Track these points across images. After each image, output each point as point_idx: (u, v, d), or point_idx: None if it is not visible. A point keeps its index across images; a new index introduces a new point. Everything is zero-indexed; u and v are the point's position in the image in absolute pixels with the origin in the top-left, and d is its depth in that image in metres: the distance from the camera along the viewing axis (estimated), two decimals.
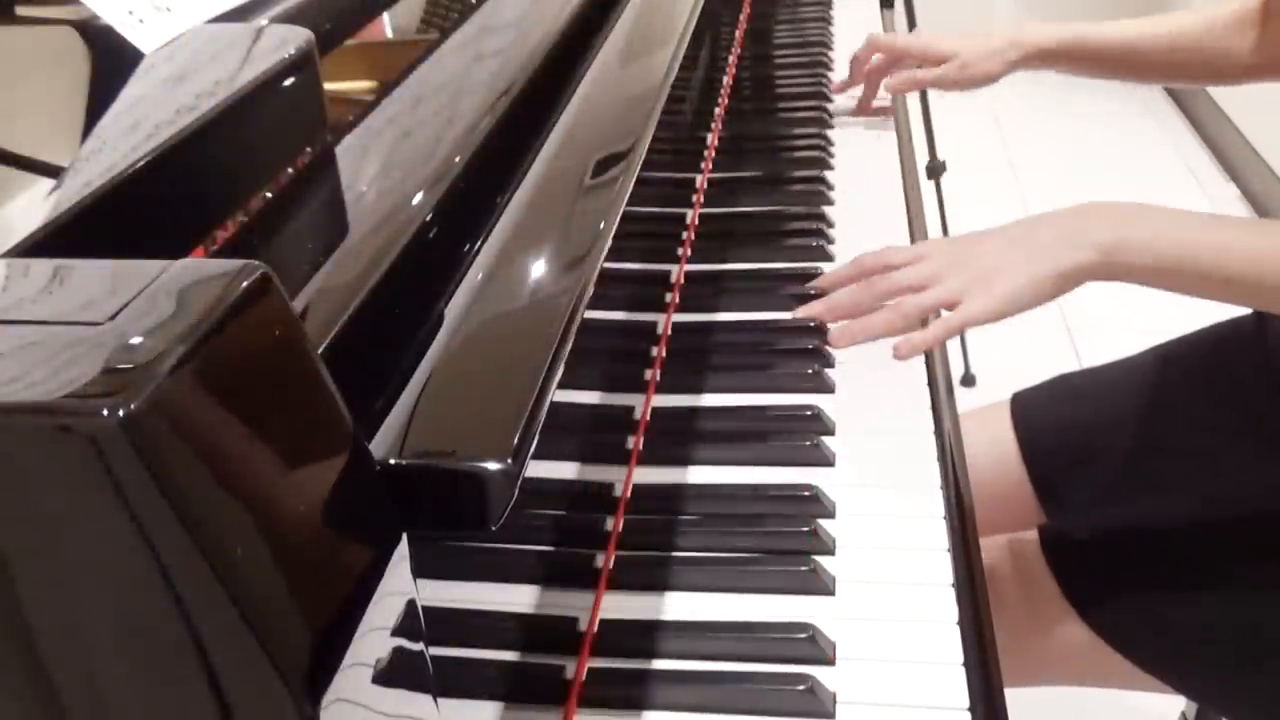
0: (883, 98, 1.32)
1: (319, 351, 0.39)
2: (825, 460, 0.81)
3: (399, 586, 0.40)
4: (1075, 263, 0.81)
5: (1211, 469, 0.95)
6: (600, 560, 0.72)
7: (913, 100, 1.77)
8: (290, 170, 0.55)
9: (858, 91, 1.35)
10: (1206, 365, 1.02)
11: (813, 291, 0.93)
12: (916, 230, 1.11)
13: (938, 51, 1.18)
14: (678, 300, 0.96)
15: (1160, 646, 0.89)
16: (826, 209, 1.13)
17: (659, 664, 0.67)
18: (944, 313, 0.84)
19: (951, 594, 0.70)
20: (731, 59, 1.44)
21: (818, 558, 0.72)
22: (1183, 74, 1.17)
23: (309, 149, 0.57)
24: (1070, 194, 0.85)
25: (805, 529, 0.74)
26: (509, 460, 0.41)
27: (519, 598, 0.61)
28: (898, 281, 0.86)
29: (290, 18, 0.66)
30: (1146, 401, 1.03)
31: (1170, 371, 1.05)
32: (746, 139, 1.34)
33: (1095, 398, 1.07)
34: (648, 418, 0.84)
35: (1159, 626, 0.89)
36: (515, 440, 0.42)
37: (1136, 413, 1.03)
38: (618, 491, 0.77)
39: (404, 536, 0.41)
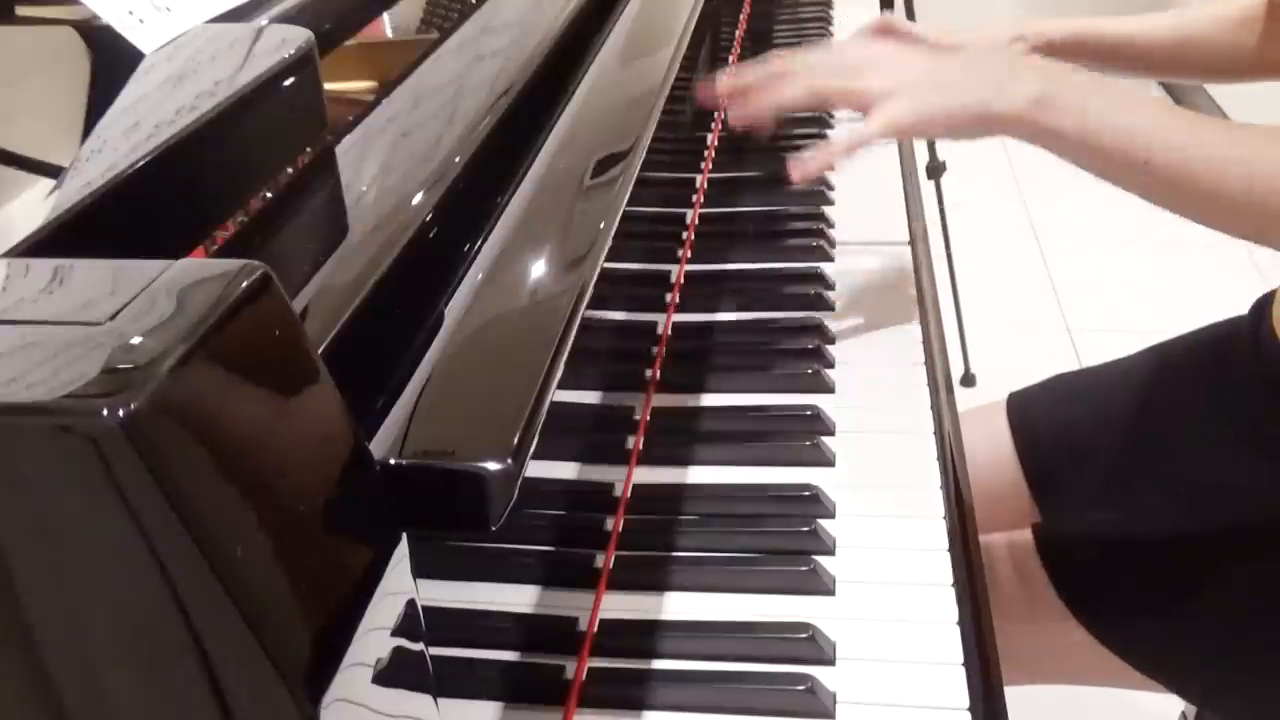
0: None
1: (319, 351, 0.39)
2: (825, 460, 0.81)
3: (399, 586, 0.40)
4: (997, 105, 0.79)
5: (1207, 470, 0.95)
6: (600, 560, 0.72)
7: None
8: (290, 170, 0.55)
9: None
10: (1203, 365, 1.02)
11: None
12: (916, 230, 1.11)
13: (942, 42, 1.18)
14: (678, 300, 0.96)
15: (1156, 648, 0.89)
16: (826, 209, 1.13)
17: (659, 664, 0.67)
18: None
19: (951, 594, 0.70)
20: (731, 59, 1.44)
21: (818, 558, 0.72)
22: (1186, 71, 1.16)
23: (309, 149, 0.57)
24: (1070, 193, 0.85)
25: (805, 529, 0.74)
26: (509, 460, 0.41)
27: (519, 598, 0.61)
28: (819, 63, 0.83)
29: (290, 18, 0.66)
30: (1143, 401, 1.03)
31: (1167, 372, 1.05)
32: (746, 139, 1.34)
33: (1092, 397, 1.07)
34: (648, 418, 0.84)
35: (1154, 628, 0.89)
36: (515, 440, 0.42)
37: (1133, 413, 1.03)
38: (618, 491, 0.77)
39: (404, 536, 0.41)
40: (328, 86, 0.59)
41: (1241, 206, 0.76)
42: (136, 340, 0.31)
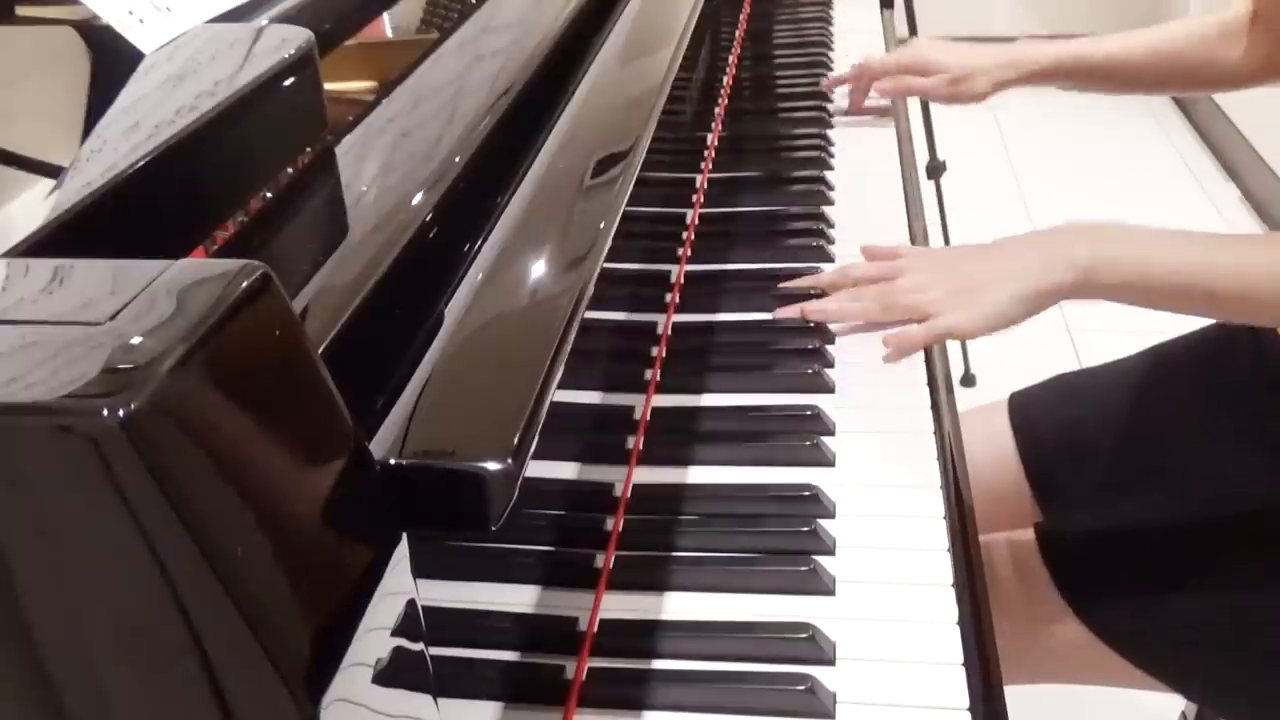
0: (878, 98, 1.32)
1: (319, 351, 0.39)
2: (825, 460, 0.81)
3: (399, 586, 0.40)
4: (1054, 283, 0.82)
5: (1208, 468, 0.95)
6: (600, 560, 0.72)
7: (913, 100, 1.77)
8: (290, 170, 0.55)
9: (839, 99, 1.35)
10: (1203, 364, 1.02)
11: (791, 290, 0.95)
12: (916, 230, 1.11)
13: (928, 63, 1.19)
14: (678, 300, 0.96)
15: (1157, 645, 0.89)
16: (826, 209, 1.13)
17: (659, 664, 0.67)
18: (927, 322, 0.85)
19: (951, 594, 0.70)
20: (731, 59, 1.44)
21: (818, 558, 0.72)
22: (1182, 85, 1.17)
23: (309, 149, 0.57)
24: (1070, 193, 0.86)
25: (805, 529, 0.74)
26: (509, 460, 0.41)
27: (519, 598, 0.61)
28: (875, 291, 0.87)
29: (290, 18, 0.66)
30: (1143, 401, 1.03)
31: (1167, 371, 1.05)
32: (746, 139, 1.34)
33: (1093, 397, 1.07)
34: (648, 418, 0.84)
35: (1155, 625, 0.89)
36: (515, 440, 0.42)
37: (1133, 412, 1.03)
38: (618, 491, 0.77)
39: (404, 536, 0.41)
40: (328, 86, 0.59)
41: None
42: (136, 340, 0.31)
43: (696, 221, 1.08)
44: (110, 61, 0.56)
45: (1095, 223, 0.85)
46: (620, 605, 0.70)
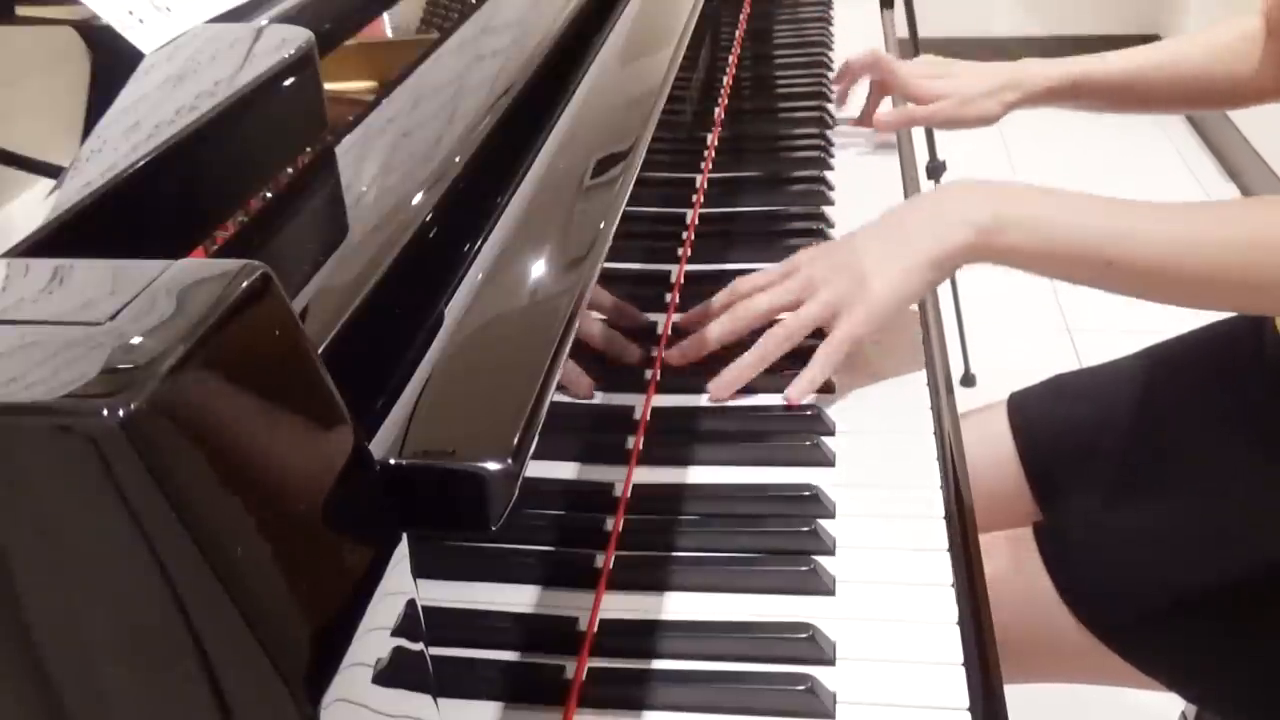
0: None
1: (319, 351, 0.39)
2: (825, 460, 0.81)
3: (399, 586, 0.40)
4: (950, 245, 0.79)
5: (1209, 468, 0.95)
6: (600, 560, 0.72)
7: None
8: (290, 170, 0.55)
9: (852, 108, 1.34)
10: (1204, 364, 1.02)
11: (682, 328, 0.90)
12: None
13: (931, 92, 1.17)
14: (678, 300, 0.96)
15: (1157, 646, 0.89)
16: (826, 209, 1.13)
17: (659, 664, 0.67)
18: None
19: (951, 594, 0.70)
20: (731, 59, 1.44)
21: (818, 558, 0.72)
22: (1194, 103, 1.14)
23: (309, 149, 0.57)
24: None
25: (805, 529, 0.74)
26: (509, 460, 0.41)
27: (519, 598, 0.61)
28: (769, 303, 0.83)
29: (290, 18, 0.66)
30: (1144, 401, 1.03)
31: (1167, 371, 1.05)
32: (746, 139, 1.34)
33: (1093, 397, 1.07)
34: (648, 418, 0.84)
35: (1155, 626, 0.89)
36: (515, 440, 0.42)
37: (1134, 412, 1.03)
38: (618, 491, 0.77)
39: (404, 536, 0.41)
40: (328, 86, 0.59)
41: (1219, 284, 0.76)
42: (136, 340, 0.31)
43: (696, 221, 1.08)
44: (110, 61, 0.56)
45: (995, 183, 0.81)
46: (620, 605, 0.70)
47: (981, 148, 3.11)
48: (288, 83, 0.55)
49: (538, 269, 0.56)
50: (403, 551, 0.40)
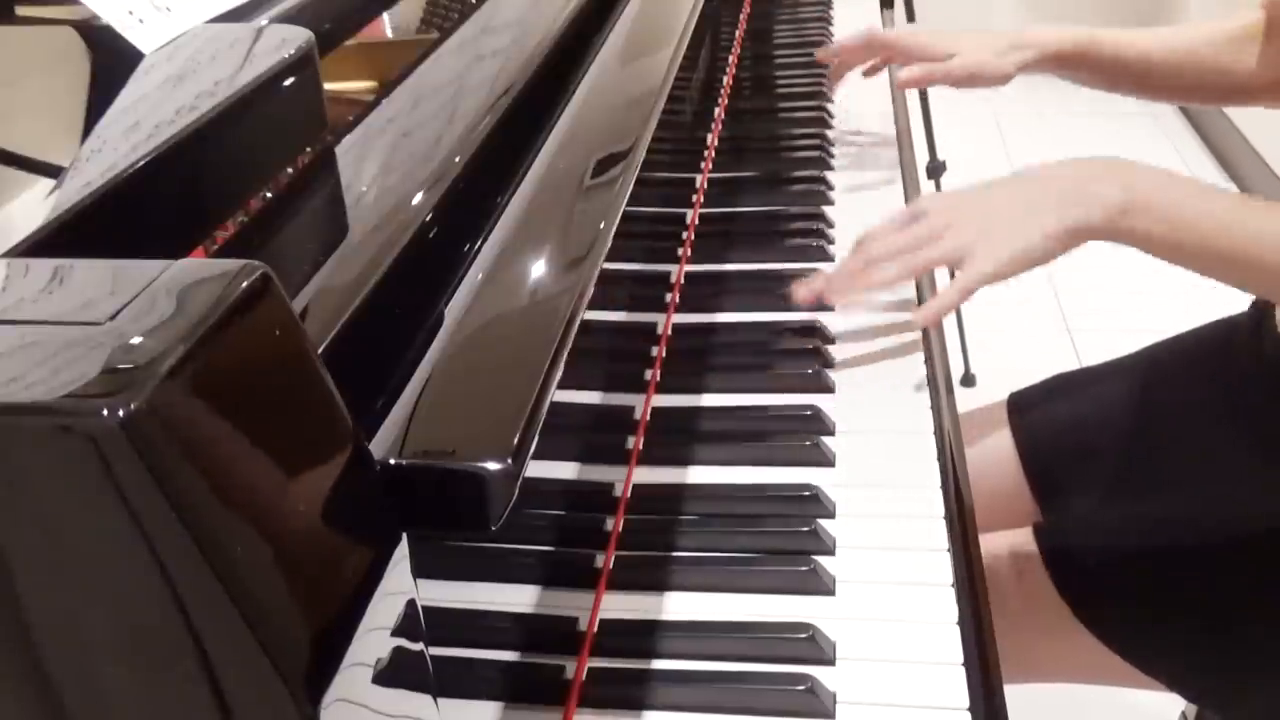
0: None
1: (319, 351, 0.39)
2: (825, 460, 0.81)
3: (399, 586, 0.40)
4: (1081, 220, 0.79)
5: (1209, 467, 0.95)
6: (600, 560, 0.72)
7: (913, 100, 1.76)
8: (290, 170, 0.55)
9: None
10: (1204, 364, 1.02)
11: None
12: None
13: (936, 51, 1.16)
14: (678, 300, 0.96)
15: (1156, 646, 0.89)
16: (826, 209, 1.13)
17: (659, 664, 0.67)
18: (954, 276, 0.82)
19: (951, 594, 0.70)
20: (731, 59, 1.44)
21: (818, 558, 0.72)
22: (1193, 91, 1.13)
23: (309, 149, 0.57)
24: None
25: (805, 529, 0.74)
26: (509, 460, 0.41)
27: (519, 598, 0.61)
28: (899, 244, 0.84)
29: (290, 18, 0.66)
30: (1144, 400, 1.03)
31: (1167, 370, 1.05)
32: (746, 139, 1.34)
33: (1093, 397, 1.07)
34: (648, 418, 0.84)
35: (1155, 626, 0.89)
36: (515, 440, 0.42)
37: (1134, 412, 1.03)
38: (618, 491, 0.77)
39: (404, 536, 0.41)
40: (328, 86, 0.59)
41: None
42: (136, 340, 0.31)
43: (696, 221, 1.08)
44: (110, 61, 0.56)
45: (1128, 162, 0.82)
46: (620, 605, 0.70)
47: (981, 148, 3.11)
48: (288, 83, 0.55)
49: (538, 269, 0.56)
50: (403, 551, 0.40)
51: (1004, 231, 0.80)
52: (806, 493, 0.77)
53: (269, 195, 0.53)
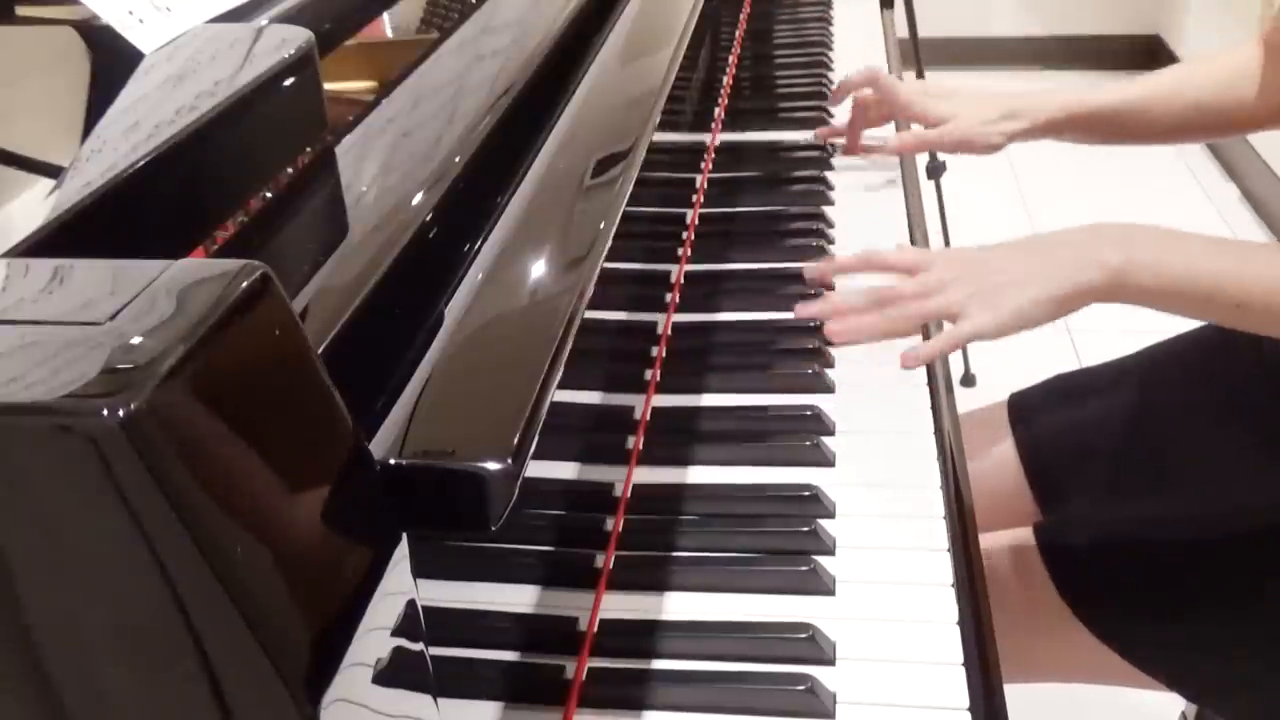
0: (874, 137, 1.27)
1: (319, 351, 0.39)
2: (825, 460, 0.81)
3: (399, 586, 0.40)
4: (1083, 283, 0.80)
5: (1208, 468, 0.95)
6: (600, 560, 0.72)
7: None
8: (290, 170, 0.55)
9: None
10: (1205, 364, 1.02)
11: (814, 287, 0.93)
12: (916, 230, 1.11)
13: (935, 114, 1.16)
14: (678, 300, 0.96)
15: (1156, 646, 0.89)
16: (826, 209, 1.13)
17: (659, 664, 0.67)
18: (946, 325, 0.84)
19: (951, 594, 0.70)
20: (731, 59, 1.44)
21: (818, 558, 0.72)
22: (1195, 132, 1.13)
23: (309, 149, 0.57)
24: (1069, 193, 0.86)
25: (805, 529, 0.74)
26: (509, 460, 0.41)
27: (519, 598, 0.61)
28: (901, 290, 0.85)
29: (290, 18, 0.66)
30: (1144, 401, 1.03)
31: (1167, 371, 1.05)
32: (746, 139, 1.34)
33: (1093, 397, 1.07)
34: (648, 418, 0.84)
35: (1155, 626, 0.89)
36: (515, 440, 0.42)
37: (1134, 412, 1.03)
38: (618, 491, 0.77)
39: (404, 536, 0.41)
40: (328, 86, 0.59)
41: None
42: (136, 340, 0.31)
43: (696, 221, 1.08)
44: (110, 61, 0.56)
45: (1127, 225, 0.83)
46: (620, 605, 0.70)
47: None
48: (288, 83, 0.55)
49: (538, 269, 0.56)
50: (403, 551, 0.40)
51: (1000, 295, 0.81)
52: (806, 493, 0.77)
53: (269, 195, 0.53)
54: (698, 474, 0.81)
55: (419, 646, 0.43)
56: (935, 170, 2.20)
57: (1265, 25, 1.03)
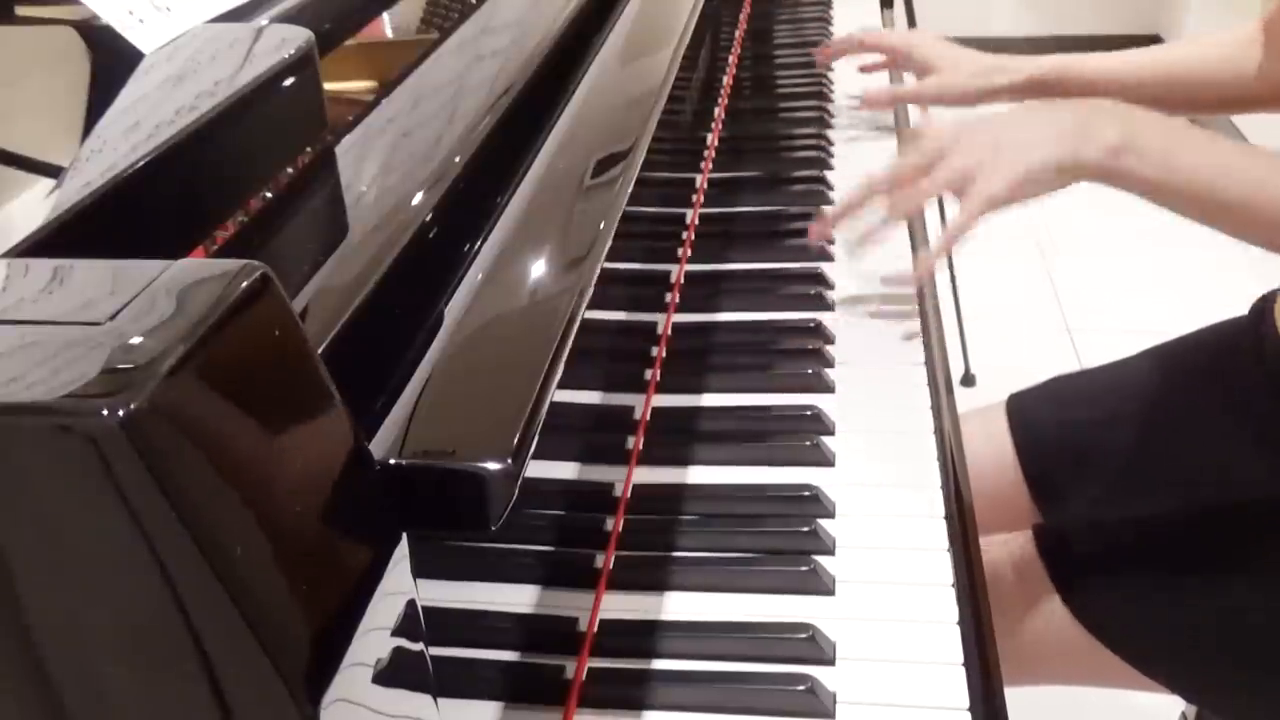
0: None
1: (319, 351, 0.39)
2: (825, 460, 0.81)
3: (399, 586, 0.40)
4: (1082, 156, 0.81)
5: (1208, 469, 0.95)
6: (600, 560, 0.72)
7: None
8: (290, 170, 0.55)
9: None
10: (1204, 366, 1.02)
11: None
12: (916, 230, 1.10)
13: (921, 57, 1.17)
14: (678, 300, 0.96)
15: (1156, 646, 0.89)
16: (826, 209, 1.13)
17: (659, 664, 0.67)
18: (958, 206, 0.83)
19: (951, 594, 0.70)
20: (731, 59, 1.44)
21: (818, 558, 0.72)
22: (1188, 105, 1.14)
23: (309, 149, 0.57)
24: (1070, 194, 0.85)
25: (805, 529, 0.74)
26: (509, 460, 0.41)
27: (519, 598, 0.61)
28: (902, 171, 0.86)
29: (290, 18, 0.66)
30: (1143, 402, 1.03)
31: (1167, 372, 1.05)
32: (746, 139, 1.34)
33: (1092, 398, 1.07)
34: (648, 418, 0.84)
35: (1154, 626, 0.89)
36: (515, 440, 0.42)
37: (1133, 413, 1.03)
38: (618, 491, 0.77)
39: (404, 536, 0.41)
40: (328, 86, 0.59)
41: None
42: (136, 340, 0.31)
43: (696, 221, 1.08)
44: (110, 61, 0.56)
45: (1129, 106, 0.84)
46: (620, 605, 0.70)
47: None
48: (288, 83, 0.55)
49: (538, 269, 0.56)
50: (403, 551, 0.40)
51: (1009, 154, 0.81)
52: (806, 493, 0.77)
53: (269, 195, 0.53)
54: (698, 474, 0.81)
55: (419, 646, 0.43)
56: None
57: (1265, 13, 1.03)
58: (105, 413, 0.29)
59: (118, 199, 0.45)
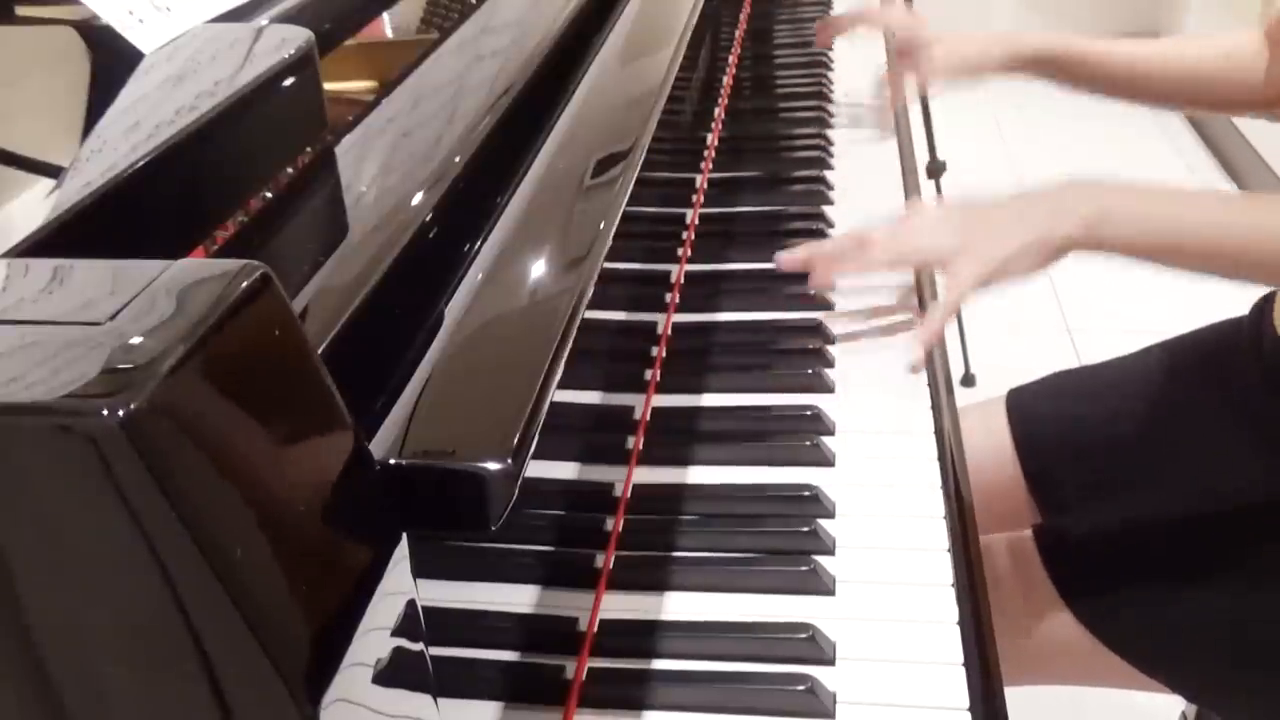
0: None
1: (319, 351, 0.39)
2: (825, 460, 0.81)
3: (399, 586, 0.40)
4: (1060, 233, 0.83)
5: (1207, 468, 0.95)
6: (600, 560, 0.72)
7: (912, 101, 1.76)
8: (290, 170, 0.55)
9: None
10: (1204, 364, 1.02)
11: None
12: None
13: (922, 34, 1.18)
14: (678, 300, 0.96)
15: (1156, 646, 0.89)
16: (826, 209, 1.13)
17: (659, 664, 0.67)
18: (939, 295, 0.85)
19: (951, 594, 0.70)
20: (731, 59, 1.44)
21: (818, 558, 0.72)
22: (1188, 100, 1.14)
23: (309, 149, 0.57)
24: None
25: (805, 529, 0.74)
26: (509, 460, 0.41)
27: (519, 598, 0.61)
28: (889, 230, 0.88)
29: (290, 18, 0.66)
30: (1143, 400, 1.03)
31: (1167, 371, 1.05)
32: (746, 139, 1.34)
33: (1091, 395, 1.07)
34: (648, 418, 0.84)
35: (1154, 626, 0.89)
36: (515, 440, 0.42)
37: (1132, 411, 1.03)
38: (618, 491, 0.77)
39: (404, 536, 0.41)
40: (328, 86, 0.59)
41: None
42: (136, 340, 0.31)
43: (696, 221, 1.08)
44: (110, 61, 0.56)
45: (1099, 179, 0.86)
46: (620, 605, 0.70)
47: (981, 149, 3.11)
48: (288, 83, 0.55)
49: (538, 269, 0.56)
50: (403, 551, 0.40)
51: (987, 240, 0.85)
52: (806, 493, 0.77)
53: (269, 195, 0.53)
54: (698, 474, 0.81)
55: (419, 646, 0.43)
56: (935, 170, 2.20)
57: (1266, 23, 1.03)
58: (105, 413, 0.29)
59: (118, 199, 0.45)
